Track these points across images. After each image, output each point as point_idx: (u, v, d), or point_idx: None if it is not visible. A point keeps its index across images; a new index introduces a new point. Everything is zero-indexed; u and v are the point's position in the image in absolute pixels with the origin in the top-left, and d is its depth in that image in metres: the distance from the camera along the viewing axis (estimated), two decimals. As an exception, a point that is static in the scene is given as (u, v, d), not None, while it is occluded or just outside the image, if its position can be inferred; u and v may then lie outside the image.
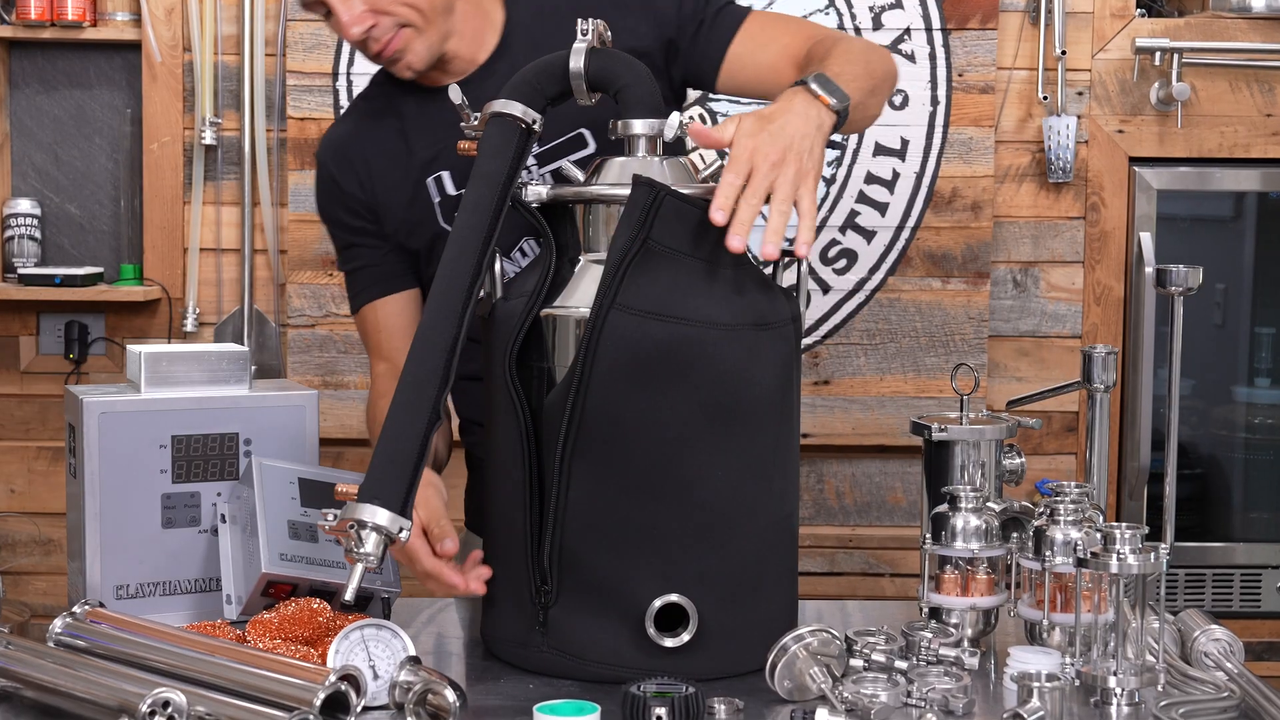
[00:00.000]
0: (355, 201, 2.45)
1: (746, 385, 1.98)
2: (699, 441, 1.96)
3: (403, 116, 2.43)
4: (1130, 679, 1.89)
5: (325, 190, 2.49)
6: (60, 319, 4.23)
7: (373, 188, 2.43)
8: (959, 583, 2.12)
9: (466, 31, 2.39)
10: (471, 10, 2.40)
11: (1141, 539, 1.90)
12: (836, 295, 4.12)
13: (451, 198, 2.40)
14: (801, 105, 2.07)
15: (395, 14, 2.31)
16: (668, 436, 1.95)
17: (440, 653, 2.16)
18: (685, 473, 1.96)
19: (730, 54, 2.42)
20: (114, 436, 2.19)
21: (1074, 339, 4.21)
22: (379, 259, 2.46)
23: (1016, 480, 2.31)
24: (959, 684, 1.87)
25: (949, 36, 4.08)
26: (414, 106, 2.42)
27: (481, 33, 2.42)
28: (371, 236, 2.46)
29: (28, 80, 4.27)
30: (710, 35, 2.42)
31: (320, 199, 2.51)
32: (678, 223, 1.98)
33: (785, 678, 1.88)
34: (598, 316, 1.94)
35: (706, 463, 1.97)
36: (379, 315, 2.47)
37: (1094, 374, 2.30)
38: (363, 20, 2.30)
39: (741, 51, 2.42)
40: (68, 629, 2.00)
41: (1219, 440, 4.37)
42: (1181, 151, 4.17)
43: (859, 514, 4.25)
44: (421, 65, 2.36)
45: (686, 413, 1.95)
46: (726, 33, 2.42)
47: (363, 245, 2.47)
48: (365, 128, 2.47)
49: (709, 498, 1.97)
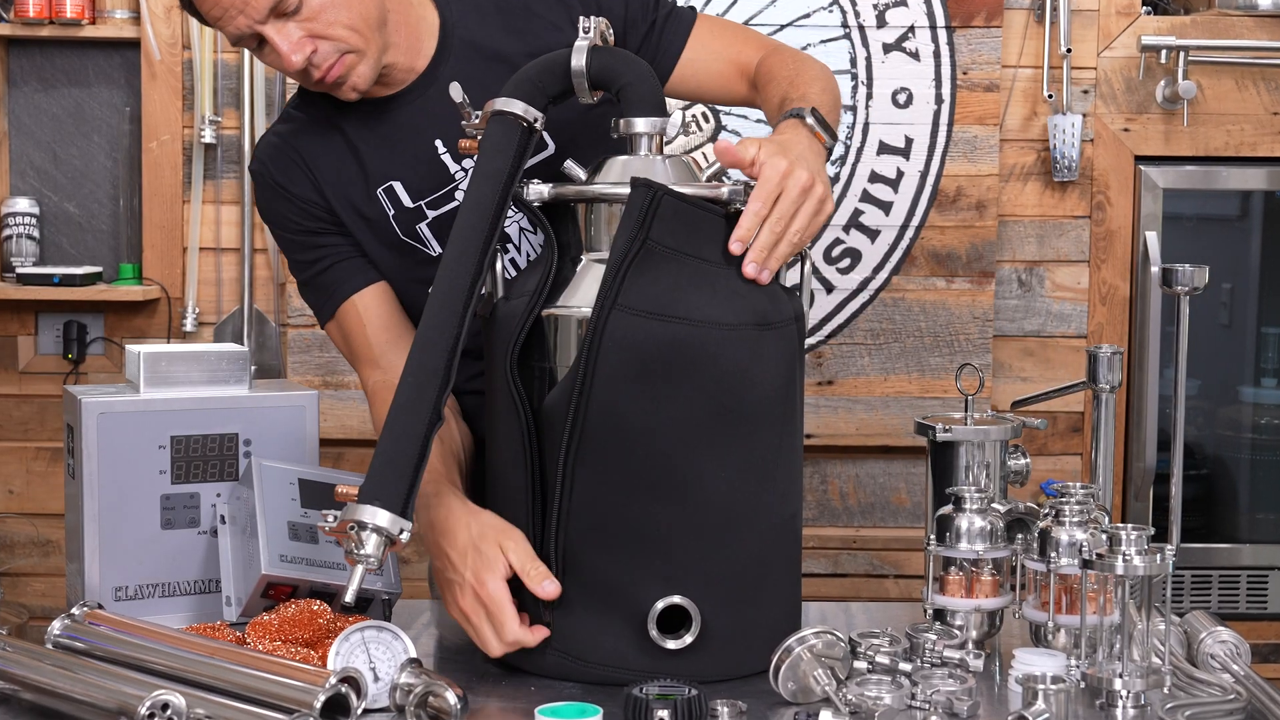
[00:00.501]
0: (308, 203, 2.34)
1: (748, 385, 1.98)
2: (701, 442, 1.96)
3: (345, 129, 2.34)
4: (1136, 681, 1.89)
5: (271, 198, 2.36)
6: (59, 319, 4.23)
7: (324, 191, 2.34)
8: (964, 584, 2.12)
9: (401, 42, 2.30)
10: (402, 19, 2.31)
11: (1147, 540, 1.90)
12: (840, 295, 4.12)
13: (408, 209, 2.32)
14: (806, 139, 2.09)
15: (334, 38, 2.20)
16: (670, 437, 1.95)
17: (441, 655, 2.16)
18: (687, 473, 1.96)
19: (683, 60, 2.42)
20: (113, 437, 2.19)
21: (1079, 339, 4.21)
22: (348, 252, 2.35)
23: (1021, 481, 2.31)
24: (964, 686, 1.87)
25: (953, 34, 4.09)
26: (356, 119, 2.33)
27: (418, 39, 2.33)
28: (333, 234, 2.35)
29: (26, 78, 4.27)
30: (661, 40, 2.41)
31: (267, 211, 2.39)
32: (677, 222, 1.98)
33: (789, 680, 1.88)
34: (599, 318, 1.93)
35: (709, 463, 1.97)
36: (360, 310, 2.35)
37: (1099, 374, 2.29)
38: (302, 47, 2.19)
39: (694, 58, 2.43)
40: (66, 631, 2.00)
41: (1225, 441, 4.37)
42: (1188, 150, 4.17)
43: (863, 515, 4.25)
44: (365, 86, 2.26)
45: (688, 413, 1.95)
46: (679, 39, 2.42)
47: (326, 244, 2.35)
48: (306, 136, 2.36)
49: (711, 498, 1.97)
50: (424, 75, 2.34)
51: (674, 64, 2.42)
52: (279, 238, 2.41)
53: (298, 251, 2.39)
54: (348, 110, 2.33)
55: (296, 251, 2.39)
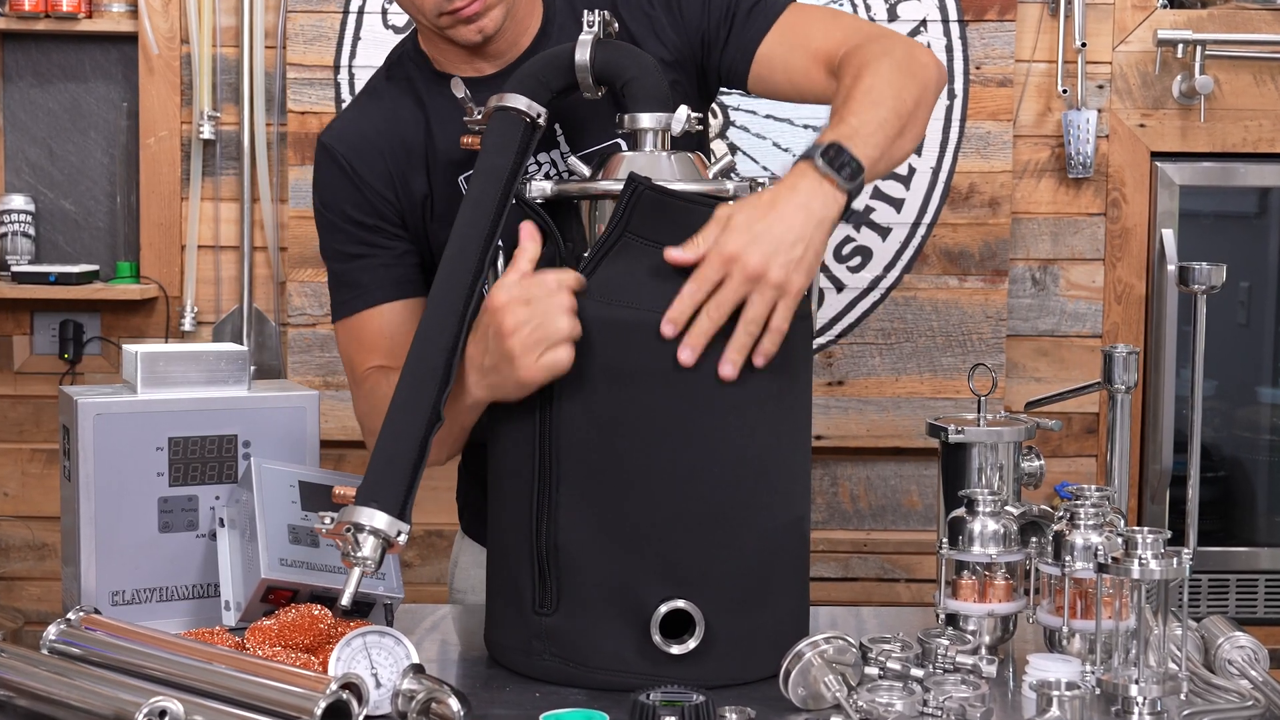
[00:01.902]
0: (379, 198, 2.29)
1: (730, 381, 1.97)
2: (689, 436, 1.95)
3: (428, 109, 2.31)
4: (1152, 687, 1.89)
5: (337, 177, 2.31)
6: (55, 318, 4.24)
7: (400, 180, 2.30)
8: (976, 588, 2.12)
9: (519, 12, 2.29)
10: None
11: (1164, 543, 1.90)
12: (851, 294, 4.12)
13: None
14: (806, 192, 1.96)
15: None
16: (656, 432, 1.95)
17: (444, 660, 2.16)
18: (678, 468, 1.95)
19: (760, 55, 2.29)
20: (109, 438, 2.19)
21: (1094, 338, 4.20)
22: (395, 260, 2.31)
23: (1035, 483, 2.31)
24: (976, 692, 1.87)
25: (966, 28, 4.08)
26: (442, 100, 2.28)
27: (529, 17, 2.32)
28: (388, 236, 2.30)
29: (21, 73, 4.27)
30: (741, 34, 2.31)
31: (327, 189, 2.33)
32: (661, 218, 1.97)
33: (799, 685, 1.87)
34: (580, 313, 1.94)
35: (699, 457, 1.96)
36: (387, 318, 2.31)
37: (1115, 374, 2.29)
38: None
39: (772, 54, 2.29)
40: (62, 636, 2.00)
41: (1243, 442, 4.37)
42: (1205, 146, 4.17)
43: (874, 518, 4.25)
44: (493, 29, 2.23)
45: (675, 408, 1.95)
46: (758, 32, 2.30)
47: (378, 244, 2.30)
48: (388, 116, 2.32)
49: (703, 494, 1.96)
50: (522, 56, 2.30)
51: (751, 58, 2.30)
52: (323, 217, 2.35)
53: (343, 241, 2.33)
54: (434, 87, 2.30)
55: (341, 241, 2.33)
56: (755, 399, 1.98)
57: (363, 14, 4.06)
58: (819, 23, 2.30)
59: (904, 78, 2.12)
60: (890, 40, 2.21)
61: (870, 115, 2.05)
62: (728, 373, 1.93)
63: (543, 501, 1.98)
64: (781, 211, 1.93)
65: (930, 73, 2.18)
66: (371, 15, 4.06)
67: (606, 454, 1.96)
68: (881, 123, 2.05)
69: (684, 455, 1.96)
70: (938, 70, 2.21)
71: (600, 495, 1.96)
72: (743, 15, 2.31)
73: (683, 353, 1.92)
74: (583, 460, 1.96)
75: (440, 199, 2.30)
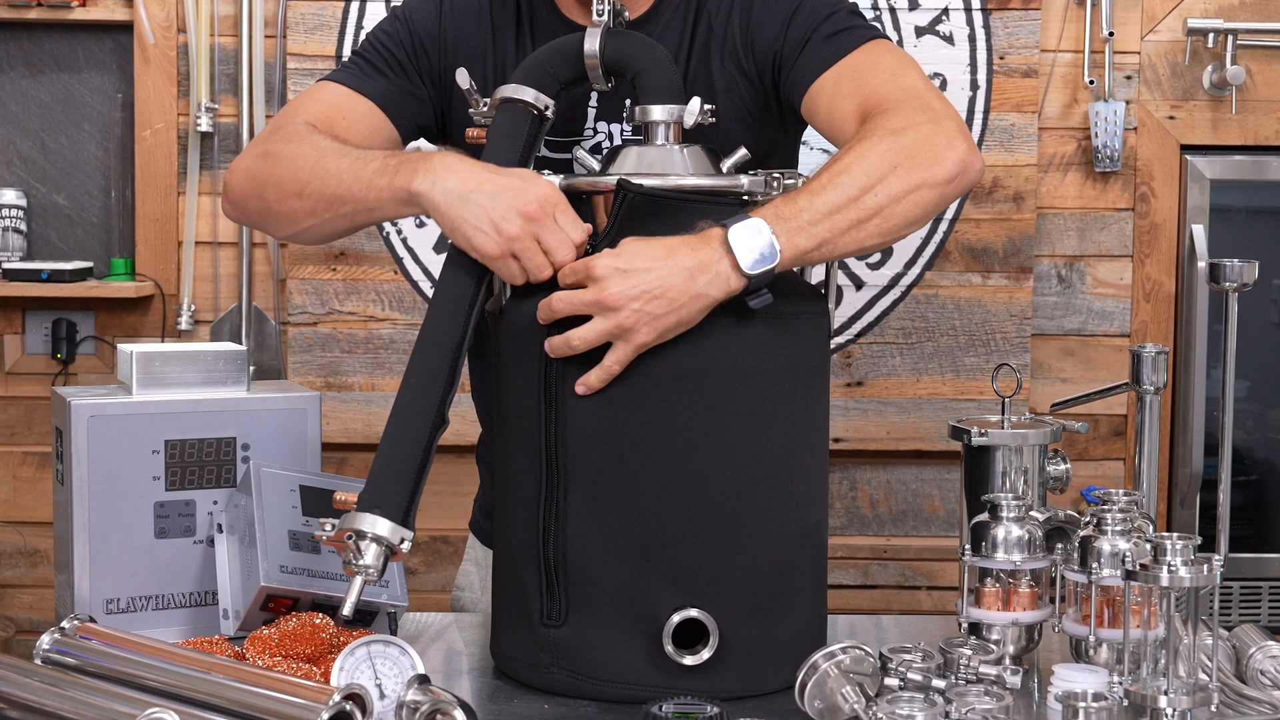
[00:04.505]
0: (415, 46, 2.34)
1: (744, 379, 1.97)
2: (700, 439, 1.96)
3: (535, 25, 2.33)
4: (1182, 699, 1.89)
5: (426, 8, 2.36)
6: (47, 316, 4.24)
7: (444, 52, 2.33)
8: (1000, 596, 2.12)
9: None
10: None
11: (1194, 550, 1.90)
12: (870, 291, 4.12)
13: None
14: (702, 261, 1.91)
15: None
16: (666, 435, 1.95)
17: (450, 671, 2.16)
18: (689, 472, 1.95)
19: (811, 91, 2.21)
20: (104, 441, 2.20)
21: (1122, 338, 4.20)
22: (404, 90, 2.34)
23: (1061, 488, 2.31)
24: (1000, 704, 1.87)
25: (989, 17, 4.08)
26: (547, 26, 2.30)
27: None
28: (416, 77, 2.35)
29: (13, 63, 4.28)
30: (804, 62, 2.23)
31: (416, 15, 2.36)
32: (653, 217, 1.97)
33: (816, 697, 1.87)
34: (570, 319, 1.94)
35: (711, 461, 1.96)
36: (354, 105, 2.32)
37: (1143, 375, 2.29)
38: None
39: (820, 93, 2.20)
40: (56, 645, 2.01)
41: (1276, 445, 4.36)
42: (1236, 139, 4.17)
43: (894, 523, 4.25)
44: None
45: (684, 410, 1.95)
46: (818, 65, 2.21)
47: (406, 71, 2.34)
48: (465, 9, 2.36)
49: (717, 498, 1.96)
50: (631, 24, 2.28)
51: (803, 92, 2.23)
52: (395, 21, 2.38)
53: (370, 52, 2.36)
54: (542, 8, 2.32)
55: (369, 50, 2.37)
56: (769, 400, 1.99)
57: (365, 2, 4.07)
58: (881, 73, 2.17)
59: (895, 166, 2.00)
60: (915, 116, 2.06)
61: (825, 199, 1.96)
62: (579, 391, 1.95)
63: (550, 510, 1.99)
64: (670, 266, 1.91)
65: (941, 168, 2.02)
66: (374, 3, 4.06)
67: (615, 459, 1.96)
68: (834, 209, 1.96)
69: (695, 458, 1.96)
70: (956, 165, 2.04)
71: (609, 502, 1.97)
72: (820, 39, 2.23)
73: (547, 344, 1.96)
74: (591, 466, 1.96)
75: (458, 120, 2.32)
